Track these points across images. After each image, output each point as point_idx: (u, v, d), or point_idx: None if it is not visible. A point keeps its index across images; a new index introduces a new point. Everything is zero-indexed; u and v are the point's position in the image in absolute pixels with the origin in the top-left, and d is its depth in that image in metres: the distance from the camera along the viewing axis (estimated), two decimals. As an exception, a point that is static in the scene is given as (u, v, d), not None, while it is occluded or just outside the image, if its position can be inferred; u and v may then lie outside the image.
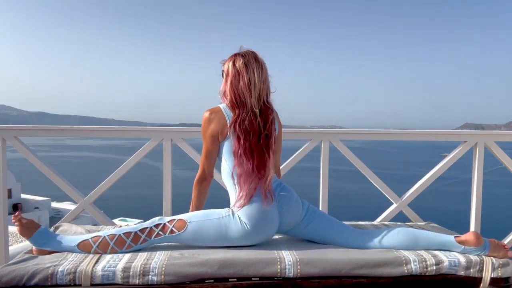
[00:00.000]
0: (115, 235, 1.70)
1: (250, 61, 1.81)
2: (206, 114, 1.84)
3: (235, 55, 1.85)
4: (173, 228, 1.73)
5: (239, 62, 1.81)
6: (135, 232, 1.71)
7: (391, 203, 2.68)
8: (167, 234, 1.73)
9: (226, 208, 1.80)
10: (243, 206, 1.74)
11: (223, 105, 1.85)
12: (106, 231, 1.75)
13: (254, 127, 1.78)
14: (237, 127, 1.77)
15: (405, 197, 2.67)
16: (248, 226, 1.72)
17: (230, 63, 1.84)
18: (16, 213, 1.73)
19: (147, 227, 1.73)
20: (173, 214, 2.47)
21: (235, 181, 1.79)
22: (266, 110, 1.84)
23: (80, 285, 1.51)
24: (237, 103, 1.79)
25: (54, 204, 23.54)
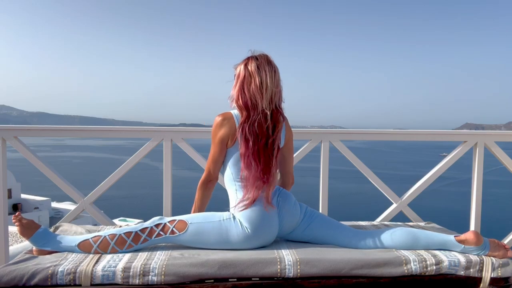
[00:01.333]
0: (115, 234, 1.70)
1: (262, 64, 1.79)
2: (218, 119, 1.83)
3: (248, 58, 1.84)
4: (174, 229, 1.73)
5: (252, 65, 1.79)
6: (136, 232, 1.71)
7: (391, 203, 2.68)
8: (167, 235, 1.73)
9: (227, 212, 1.80)
10: (244, 209, 1.73)
11: (235, 112, 1.84)
12: (106, 231, 1.75)
13: (263, 130, 1.77)
14: (246, 129, 1.75)
15: (405, 197, 2.67)
16: (249, 230, 1.72)
17: (243, 66, 1.82)
18: (16, 213, 1.73)
19: (147, 227, 1.74)
20: (173, 214, 2.47)
21: (242, 184, 1.78)
22: (277, 115, 1.82)
23: (80, 285, 1.51)
24: (248, 105, 1.78)
25: (54, 204, 23.52)
